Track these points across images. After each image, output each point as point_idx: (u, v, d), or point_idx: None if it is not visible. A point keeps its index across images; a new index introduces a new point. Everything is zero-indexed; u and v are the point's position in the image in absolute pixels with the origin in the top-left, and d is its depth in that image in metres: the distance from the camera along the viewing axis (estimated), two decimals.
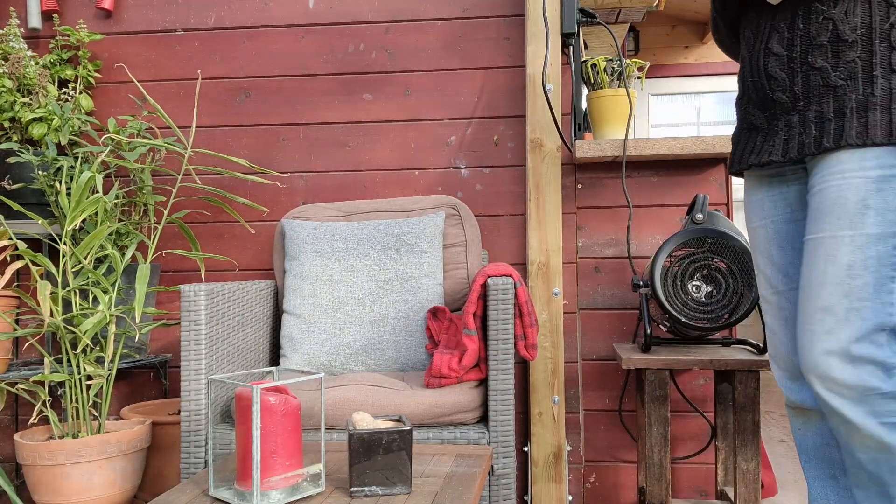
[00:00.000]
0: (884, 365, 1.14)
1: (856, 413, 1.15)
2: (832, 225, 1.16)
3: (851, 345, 1.14)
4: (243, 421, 1.13)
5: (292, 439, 1.15)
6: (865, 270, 1.14)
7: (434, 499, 1.14)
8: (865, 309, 1.14)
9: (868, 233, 1.14)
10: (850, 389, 1.14)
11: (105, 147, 2.09)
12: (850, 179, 1.15)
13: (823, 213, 1.18)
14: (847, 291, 1.15)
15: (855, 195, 1.14)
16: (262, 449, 1.11)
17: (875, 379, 1.13)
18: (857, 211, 1.14)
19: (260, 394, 1.10)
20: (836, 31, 1.17)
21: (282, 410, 1.13)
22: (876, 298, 1.14)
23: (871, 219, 1.14)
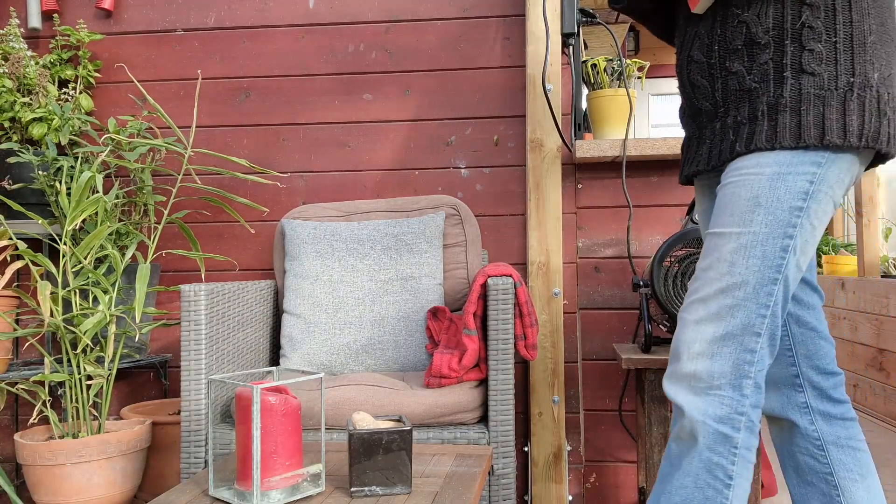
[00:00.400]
0: (737, 369, 1.10)
1: (688, 403, 1.12)
2: (724, 221, 1.13)
3: (714, 341, 1.11)
4: (243, 421, 1.13)
5: (292, 439, 1.14)
6: (747, 270, 1.10)
7: (434, 499, 1.13)
8: (739, 308, 1.11)
9: (755, 231, 1.10)
10: (698, 381, 1.11)
11: (105, 147, 2.09)
12: (746, 177, 1.12)
13: (719, 210, 1.15)
14: (724, 288, 1.11)
15: (747, 192, 1.11)
16: (262, 449, 1.11)
17: (723, 379, 1.11)
18: (748, 208, 1.11)
19: (260, 394, 1.10)
20: (749, 33, 1.14)
21: (282, 410, 1.13)
22: (753, 298, 1.11)
23: (760, 217, 1.10)
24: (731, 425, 1.11)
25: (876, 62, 1.11)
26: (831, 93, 1.10)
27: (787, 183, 1.10)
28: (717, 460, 1.11)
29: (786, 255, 1.11)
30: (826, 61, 1.10)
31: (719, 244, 1.13)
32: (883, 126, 1.12)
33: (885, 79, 1.12)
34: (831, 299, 3.69)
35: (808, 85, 1.10)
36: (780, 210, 1.10)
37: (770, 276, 1.10)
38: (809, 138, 1.08)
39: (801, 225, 1.11)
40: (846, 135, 1.09)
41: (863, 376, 3.39)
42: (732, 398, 1.11)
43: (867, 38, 1.11)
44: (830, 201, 1.13)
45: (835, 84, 1.10)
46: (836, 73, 1.10)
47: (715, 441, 1.11)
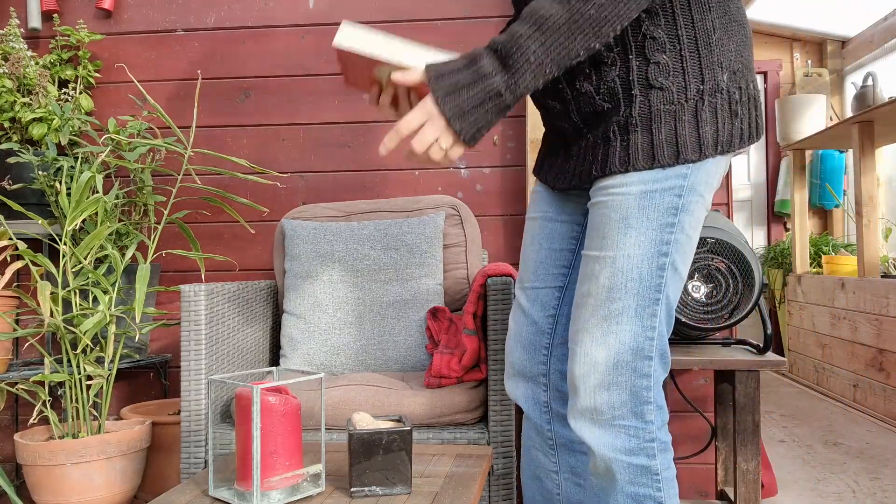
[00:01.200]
0: (635, 396, 1.07)
1: (594, 439, 1.09)
2: (597, 244, 1.10)
3: (608, 371, 1.07)
4: (243, 421, 1.12)
5: (292, 439, 1.14)
6: (626, 294, 1.07)
7: (434, 499, 1.13)
8: (624, 334, 1.07)
9: (629, 253, 1.06)
10: (600, 414, 1.08)
11: (105, 147, 2.09)
12: (614, 197, 1.08)
13: (591, 231, 1.12)
14: (606, 315, 1.08)
15: (616, 214, 1.07)
16: (262, 449, 1.11)
17: (623, 408, 1.07)
18: (619, 231, 1.07)
19: (260, 394, 1.10)
20: (594, 54, 1.08)
21: (282, 410, 1.13)
22: (637, 322, 1.07)
23: (632, 239, 1.06)
24: (644, 455, 1.08)
25: (724, 60, 1.06)
26: (682, 106, 1.05)
27: (654, 201, 1.06)
28: (643, 492, 1.08)
29: (663, 272, 1.08)
30: (673, 72, 1.05)
31: (596, 270, 1.09)
32: (735, 127, 1.08)
33: (735, 74, 1.07)
34: (831, 299, 3.69)
35: (657, 101, 1.05)
36: (651, 229, 1.06)
37: (651, 296, 1.07)
38: (664, 158, 1.05)
39: (674, 241, 1.07)
40: (701, 148, 1.05)
41: (863, 376, 3.39)
42: (637, 427, 1.08)
43: (712, 36, 1.05)
44: (702, 207, 1.10)
45: (684, 96, 1.05)
46: (685, 84, 1.05)
47: (634, 474, 1.08)
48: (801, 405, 3.58)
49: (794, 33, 5.11)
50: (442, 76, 0.99)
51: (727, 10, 1.08)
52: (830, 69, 5.06)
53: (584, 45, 0.98)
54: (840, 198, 4.71)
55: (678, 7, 1.05)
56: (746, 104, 1.09)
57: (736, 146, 1.08)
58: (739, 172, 5.32)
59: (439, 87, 0.99)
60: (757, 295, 1.72)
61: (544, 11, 0.97)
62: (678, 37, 1.05)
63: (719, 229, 1.76)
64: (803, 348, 4.12)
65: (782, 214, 5.13)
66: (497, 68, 0.98)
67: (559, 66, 0.99)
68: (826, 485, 2.37)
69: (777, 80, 5.20)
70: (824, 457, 2.69)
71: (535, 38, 0.97)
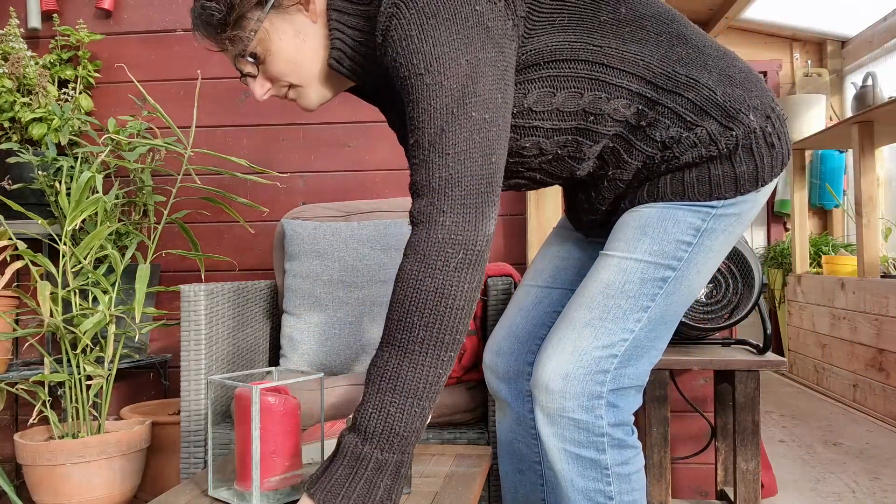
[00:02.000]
0: (587, 391, 1.07)
1: (545, 428, 1.09)
2: (612, 245, 1.12)
3: (570, 360, 1.07)
4: (243, 421, 1.12)
5: (292, 439, 1.14)
6: (621, 293, 1.08)
7: (434, 499, 1.13)
8: (601, 329, 1.08)
9: (637, 258, 1.08)
10: (550, 401, 1.07)
11: (105, 147, 2.09)
12: (640, 209, 1.11)
13: (612, 234, 1.15)
14: (593, 306, 1.09)
15: (637, 221, 1.10)
16: (261, 449, 1.10)
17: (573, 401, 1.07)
18: (635, 235, 1.09)
19: (259, 394, 1.09)
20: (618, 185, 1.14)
21: (281, 410, 1.12)
22: (618, 322, 1.08)
23: (644, 244, 1.08)
24: (594, 448, 1.08)
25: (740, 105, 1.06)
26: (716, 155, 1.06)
27: (676, 216, 1.07)
28: (593, 486, 1.09)
29: (663, 285, 1.08)
30: (699, 140, 1.05)
31: (601, 266, 1.11)
32: (775, 157, 1.08)
33: (757, 110, 1.07)
34: (831, 299, 3.69)
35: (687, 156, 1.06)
36: (666, 242, 1.07)
37: (642, 304, 1.08)
38: (694, 196, 1.06)
39: (687, 259, 1.08)
40: (737, 187, 1.06)
41: (863, 376, 3.39)
42: (587, 421, 1.07)
43: (716, 97, 1.05)
44: (730, 233, 1.10)
45: (716, 148, 1.05)
46: (714, 140, 1.05)
47: (582, 467, 1.08)
48: (801, 405, 3.58)
49: (794, 33, 5.11)
50: (315, 484, 0.95)
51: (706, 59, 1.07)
52: (830, 69, 5.06)
53: (433, 361, 0.95)
54: (840, 198, 4.71)
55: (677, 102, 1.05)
56: (780, 130, 1.09)
57: (778, 172, 1.09)
58: None
59: (322, 498, 0.93)
60: (757, 295, 1.72)
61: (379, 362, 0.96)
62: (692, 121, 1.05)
63: None
64: (803, 348, 4.12)
65: (782, 214, 5.13)
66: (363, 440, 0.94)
67: (427, 396, 0.96)
68: (826, 485, 2.37)
69: (777, 80, 5.20)
70: (824, 457, 2.69)
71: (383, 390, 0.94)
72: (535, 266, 1.39)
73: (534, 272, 1.38)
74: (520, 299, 1.37)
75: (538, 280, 1.36)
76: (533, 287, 1.36)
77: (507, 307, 1.39)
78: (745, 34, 5.24)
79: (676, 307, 1.11)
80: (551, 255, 1.37)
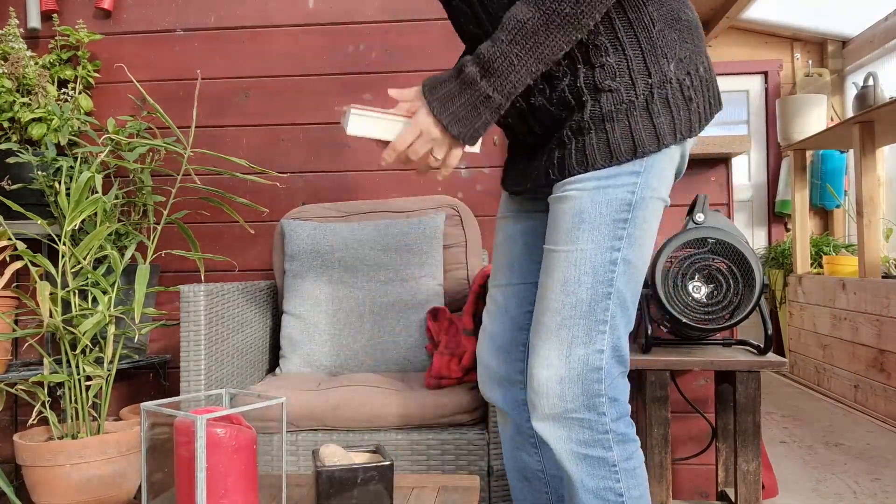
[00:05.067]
0: (586, 390, 1.09)
1: (551, 434, 1.11)
2: (554, 239, 1.12)
3: (561, 365, 1.09)
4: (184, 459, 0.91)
5: (246, 478, 0.93)
6: (580, 287, 1.09)
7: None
8: (577, 327, 1.09)
9: (582, 248, 1.09)
10: (554, 409, 1.09)
11: (104, 147, 2.09)
12: (570, 193, 1.11)
13: (550, 226, 1.14)
14: (559, 308, 1.10)
15: (571, 210, 1.10)
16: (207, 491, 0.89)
17: (576, 402, 1.09)
18: (573, 225, 1.10)
19: (205, 426, 0.87)
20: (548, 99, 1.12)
21: (233, 445, 0.92)
22: (589, 316, 1.09)
23: (585, 233, 1.09)
24: (600, 446, 1.10)
25: (668, 51, 1.09)
26: (632, 103, 1.08)
27: (607, 197, 1.09)
28: (603, 484, 1.10)
29: (615, 267, 1.09)
30: (619, 73, 1.08)
31: (552, 264, 1.12)
32: (692, 112, 1.11)
33: (682, 62, 1.10)
34: (832, 300, 3.69)
35: (607, 102, 1.08)
36: (604, 225, 1.09)
37: (602, 291, 1.09)
38: (622, 155, 1.08)
39: (627, 236, 1.10)
40: (659, 140, 1.08)
41: (864, 377, 3.38)
42: (591, 419, 1.09)
43: (651, 31, 1.08)
44: (657, 202, 1.12)
45: (634, 93, 1.08)
46: (633, 82, 1.08)
47: (591, 467, 1.10)
48: (802, 406, 3.58)
49: (795, 33, 5.11)
50: (434, 89, 1.07)
51: (663, 2, 1.10)
52: (831, 69, 5.05)
53: (565, 39, 1.03)
54: (841, 198, 4.70)
55: (613, 12, 1.08)
56: (699, 87, 1.12)
57: (696, 130, 1.11)
58: (740, 173, 5.32)
59: (433, 100, 1.07)
60: (758, 295, 1.72)
61: (521, 16, 1.02)
62: (619, 39, 1.08)
63: (720, 229, 1.76)
64: (804, 349, 4.12)
65: (783, 215, 5.13)
66: (482, 74, 1.04)
67: (545, 63, 1.04)
68: (827, 485, 2.37)
69: (778, 80, 5.20)
70: (825, 457, 2.69)
71: (515, 41, 1.03)
72: (493, 266, 1.37)
73: (493, 272, 1.36)
74: (490, 306, 1.35)
75: (499, 279, 1.34)
76: (498, 288, 1.34)
77: (484, 314, 1.36)
78: (745, 34, 5.23)
79: (635, 284, 1.13)
80: (501, 251, 1.35)
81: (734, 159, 5.11)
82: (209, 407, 0.96)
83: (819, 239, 4.34)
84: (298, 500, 1.10)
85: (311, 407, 1.67)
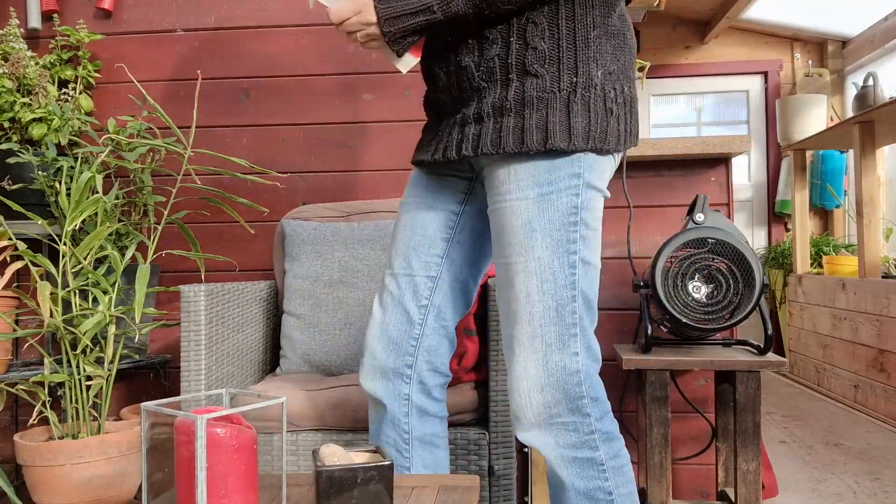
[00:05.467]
0: (567, 394, 1.11)
1: (540, 442, 1.12)
2: (506, 251, 1.13)
3: (539, 373, 1.10)
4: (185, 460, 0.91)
5: (246, 478, 0.94)
6: (544, 295, 1.10)
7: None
8: (549, 335, 1.10)
9: (538, 256, 1.10)
10: (539, 417, 1.11)
11: (105, 147, 2.09)
12: (512, 203, 1.11)
13: (497, 238, 1.15)
14: (528, 318, 1.11)
15: (519, 219, 1.11)
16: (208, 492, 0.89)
17: (559, 406, 1.11)
18: (525, 235, 1.10)
19: (206, 426, 0.87)
20: (479, 26, 1.11)
21: (233, 445, 0.92)
22: (559, 321, 1.10)
23: (538, 241, 1.10)
24: (587, 447, 1.11)
25: (599, 58, 1.09)
26: (554, 95, 1.08)
27: (553, 203, 1.09)
28: (593, 484, 1.12)
29: (574, 270, 1.11)
30: (549, 60, 1.08)
31: (510, 276, 1.13)
32: (611, 125, 1.10)
33: (611, 75, 1.11)
34: (832, 300, 3.69)
35: (531, 88, 1.09)
36: (556, 230, 1.09)
37: (567, 294, 1.10)
38: (532, 143, 1.08)
39: (580, 238, 1.11)
40: (571, 138, 1.08)
41: (864, 377, 3.39)
42: (576, 422, 1.11)
43: (590, 32, 1.09)
44: (599, 197, 1.14)
45: (557, 85, 1.08)
46: (559, 74, 1.08)
47: (580, 468, 1.12)
48: (802, 406, 3.58)
49: (795, 33, 5.11)
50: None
51: (609, 14, 1.11)
52: (831, 69, 5.05)
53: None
54: (841, 198, 4.70)
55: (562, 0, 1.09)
56: (623, 106, 1.13)
57: (612, 144, 1.12)
58: (740, 173, 5.32)
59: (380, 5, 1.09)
60: (757, 295, 1.72)
61: None
62: (558, 26, 1.08)
63: (720, 230, 1.76)
64: (804, 349, 4.12)
65: (783, 215, 5.13)
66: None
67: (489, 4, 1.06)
68: (827, 485, 2.37)
69: (778, 80, 5.20)
70: (825, 457, 2.69)
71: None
72: (392, 251, 1.32)
73: (391, 259, 1.31)
74: (384, 295, 1.30)
75: (396, 267, 1.30)
76: (393, 277, 1.29)
77: (375, 302, 1.32)
78: (745, 34, 5.24)
79: (594, 281, 1.14)
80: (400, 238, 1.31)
81: (734, 159, 5.11)
82: (209, 407, 0.97)
83: (819, 239, 4.34)
84: (298, 500, 1.10)
85: (311, 407, 1.67)
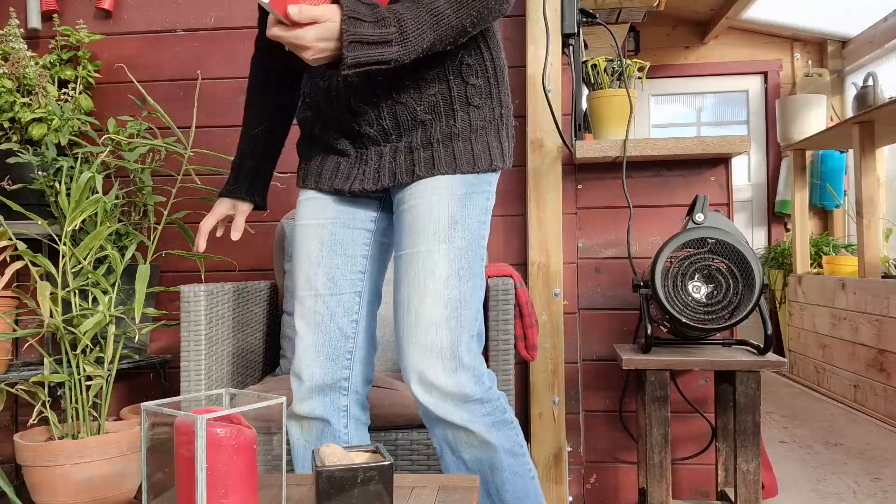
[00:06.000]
0: (475, 370, 1.23)
1: (460, 417, 1.22)
2: (428, 240, 1.23)
3: (454, 353, 1.21)
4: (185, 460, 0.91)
5: (246, 479, 0.94)
6: (459, 281, 1.22)
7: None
8: (464, 318, 1.22)
9: (459, 245, 1.23)
10: (454, 396, 1.21)
11: (105, 147, 2.09)
12: (442, 197, 1.24)
13: (418, 229, 1.24)
14: (446, 301, 1.21)
15: (446, 212, 1.23)
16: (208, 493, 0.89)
17: (470, 384, 1.22)
18: (448, 226, 1.23)
19: (206, 425, 0.87)
20: (416, 69, 1.22)
21: (233, 445, 0.92)
22: (473, 305, 1.24)
23: (459, 233, 1.23)
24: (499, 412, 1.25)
25: (505, 91, 1.31)
26: (491, 123, 1.28)
27: (475, 202, 1.26)
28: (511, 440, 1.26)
29: (482, 262, 1.27)
30: (484, 94, 1.27)
31: (430, 263, 1.23)
32: (511, 146, 1.33)
33: (509, 107, 1.33)
34: (832, 300, 3.69)
35: (475, 118, 1.26)
36: (473, 226, 1.25)
37: (478, 283, 1.25)
38: (482, 165, 1.26)
39: (485, 235, 1.27)
40: (503, 158, 1.30)
41: (864, 377, 3.39)
42: (484, 395, 1.23)
43: (504, 71, 1.31)
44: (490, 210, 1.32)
45: (492, 115, 1.28)
46: (492, 105, 1.28)
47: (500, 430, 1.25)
48: (802, 406, 3.58)
49: (795, 33, 5.11)
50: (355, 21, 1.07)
51: (501, 52, 1.32)
52: (831, 69, 5.06)
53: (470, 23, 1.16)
54: (841, 198, 4.70)
55: (482, 41, 1.26)
56: (512, 133, 1.35)
57: (509, 162, 1.32)
58: (740, 173, 5.32)
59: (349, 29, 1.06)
60: (757, 295, 1.72)
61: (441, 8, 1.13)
62: (485, 67, 1.27)
63: (720, 230, 1.76)
64: (804, 349, 4.12)
65: (783, 215, 5.13)
66: (397, 40, 1.10)
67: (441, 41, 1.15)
68: (827, 485, 2.37)
69: (777, 80, 5.20)
70: (825, 457, 2.69)
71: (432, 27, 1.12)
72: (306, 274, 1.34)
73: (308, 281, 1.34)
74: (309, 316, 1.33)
75: (320, 289, 1.32)
76: (319, 297, 1.32)
77: (298, 320, 1.34)
78: (745, 34, 5.24)
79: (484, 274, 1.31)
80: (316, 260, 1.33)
81: (734, 159, 5.11)
82: (209, 407, 0.96)
83: (819, 239, 4.34)
84: (298, 500, 1.09)
85: None
